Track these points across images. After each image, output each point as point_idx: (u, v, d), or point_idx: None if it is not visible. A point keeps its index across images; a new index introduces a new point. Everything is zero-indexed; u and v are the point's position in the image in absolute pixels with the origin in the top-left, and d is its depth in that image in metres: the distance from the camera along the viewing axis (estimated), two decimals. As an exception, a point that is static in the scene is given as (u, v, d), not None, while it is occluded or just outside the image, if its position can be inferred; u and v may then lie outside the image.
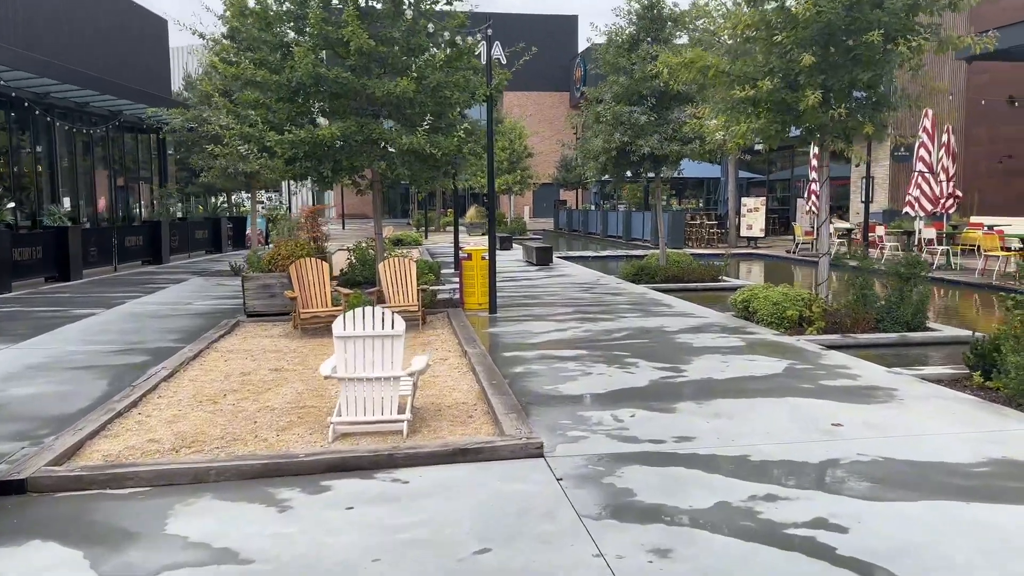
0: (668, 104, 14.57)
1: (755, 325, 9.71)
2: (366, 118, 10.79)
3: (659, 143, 14.11)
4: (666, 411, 5.95)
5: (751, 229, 25.53)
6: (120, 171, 24.17)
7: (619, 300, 12.40)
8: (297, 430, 5.75)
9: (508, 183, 36.62)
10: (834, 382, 6.75)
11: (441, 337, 9.39)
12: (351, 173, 11.00)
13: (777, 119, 9.25)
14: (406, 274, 10.43)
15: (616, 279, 15.45)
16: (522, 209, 56.64)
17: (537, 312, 11.30)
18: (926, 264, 9.44)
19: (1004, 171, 21.66)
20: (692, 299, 13.17)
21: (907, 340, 8.96)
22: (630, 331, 9.54)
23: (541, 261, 19.05)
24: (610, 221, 32.63)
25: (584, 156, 15.17)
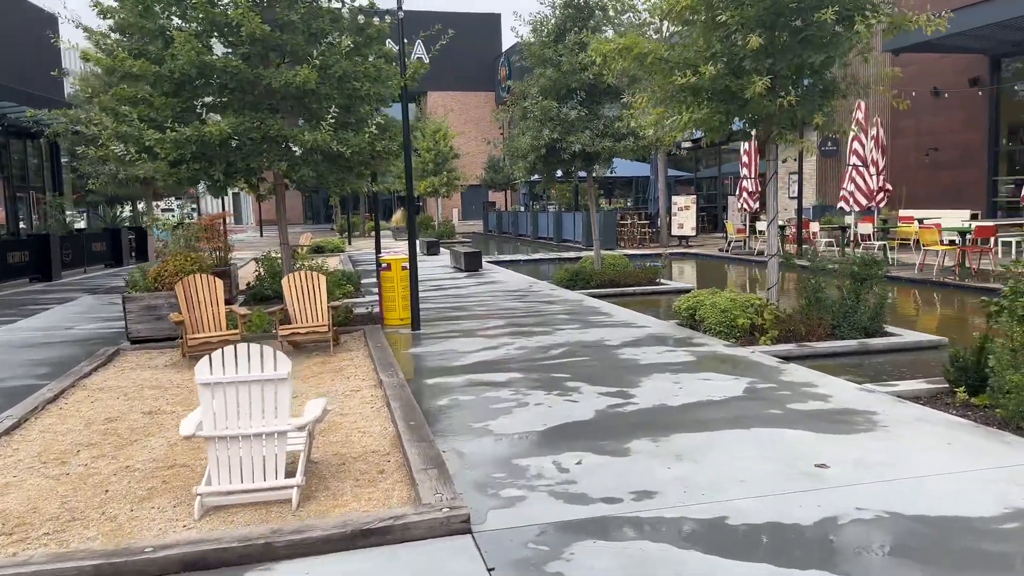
0: (599, 99, 13.70)
1: (703, 335, 8.86)
2: (264, 113, 9.52)
3: (590, 140, 13.22)
4: (618, 453, 4.96)
5: (682, 228, 25.04)
6: (7, 180, 21.93)
7: (554, 309, 11.43)
8: (159, 501, 4.52)
9: (434, 185, 35.36)
10: (804, 405, 5.89)
11: (355, 362, 8.21)
12: (248, 176, 9.69)
13: (721, 109, 8.42)
14: (315, 289, 9.19)
15: (550, 285, 14.50)
16: (450, 212, 55.40)
17: (466, 326, 10.22)
18: (882, 264, 8.76)
19: (931, 164, 21.68)
20: (631, 305, 12.31)
21: (867, 347, 8.24)
22: (569, 346, 8.55)
23: (470, 267, 17.97)
24: (540, 223, 31.78)
25: (512, 155, 14.17)
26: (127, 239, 23.78)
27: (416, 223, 36.79)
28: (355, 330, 9.91)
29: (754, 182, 20.69)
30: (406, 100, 9.72)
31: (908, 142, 22.50)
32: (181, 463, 5.19)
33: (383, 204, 57.05)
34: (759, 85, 7.72)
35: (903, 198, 21.84)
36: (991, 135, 20.05)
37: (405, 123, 9.72)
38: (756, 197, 20.86)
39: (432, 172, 35.67)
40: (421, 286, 15.28)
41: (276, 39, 9.36)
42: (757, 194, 20.88)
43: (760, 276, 17.13)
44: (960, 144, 20.91)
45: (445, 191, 36.19)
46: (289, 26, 9.63)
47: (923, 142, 22.03)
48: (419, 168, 35.64)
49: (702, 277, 17.89)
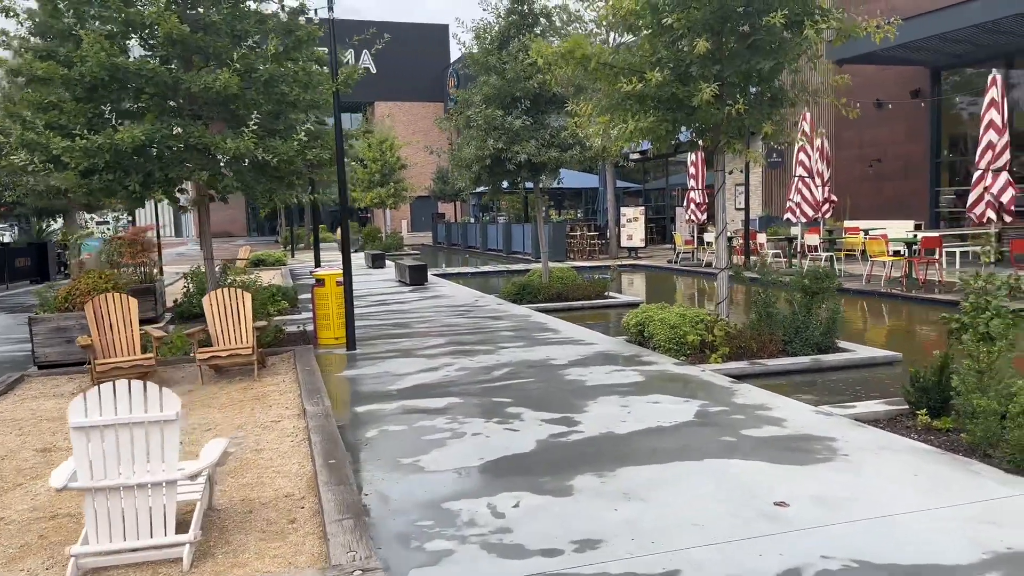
0: (544, 108, 13.32)
1: (652, 352, 8.47)
2: (185, 120, 8.85)
3: (536, 149, 12.82)
4: (561, 492, 4.48)
5: (631, 239, 24.86)
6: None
7: (500, 326, 10.94)
8: (30, 563, 3.89)
9: (381, 196, 34.63)
10: (758, 431, 5.51)
11: (280, 387, 7.59)
12: (167, 187, 8.99)
13: (668, 117, 8.07)
14: (238, 308, 8.54)
15: (497, 299, 14.02)
16: (399, 223, 54.60)
17: (405, 345, 9.66)
18: (834, 277, 8.51)
19: (874, 175, 21.90)
20: (579, 320, 11.91)
21: (820, 364, 7.95)
22: (512, 367, 8.07)
23: (415, 280, 17.39)
24: (490, 234, 31.34)
25: (456, 165, 13.69)
26: (55, 254, 22.56)
27: (363, 235, 35.90)
28: (285, 351, 9.27)
29: (702, 193, 20.59)
30: (338, 106, 9.16)
31: (851, 153, 22.72)
32: (65, 512, 4.55)
33: (331, 216, 56.03)
34: (706, 92, 7.39)
35: (847, 209, 22.01)
36: (933, 147, 20.32)
37: (338, 130, 9.15)
38: (704, 208, 20.76)
39: (379, 183, 34.95)
40: (362, 302, 14.68)
41: (197, 41, 8.73)
42: (705, 205, 20.78)
43: (709, 288, 16.94)
44: (903, 156, 21.15)
45: (392, 202, 35.48)
46: (212, 28, 9.01)
47: (866, 154, 22.25)
48: (365, 179, 34.89)
49: (651, 290, 17.64)
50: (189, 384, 8.00)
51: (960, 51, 18.18)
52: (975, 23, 15.60)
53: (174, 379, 8.26)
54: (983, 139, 12.59)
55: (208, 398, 7.33)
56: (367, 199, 34.76)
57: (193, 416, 6.65)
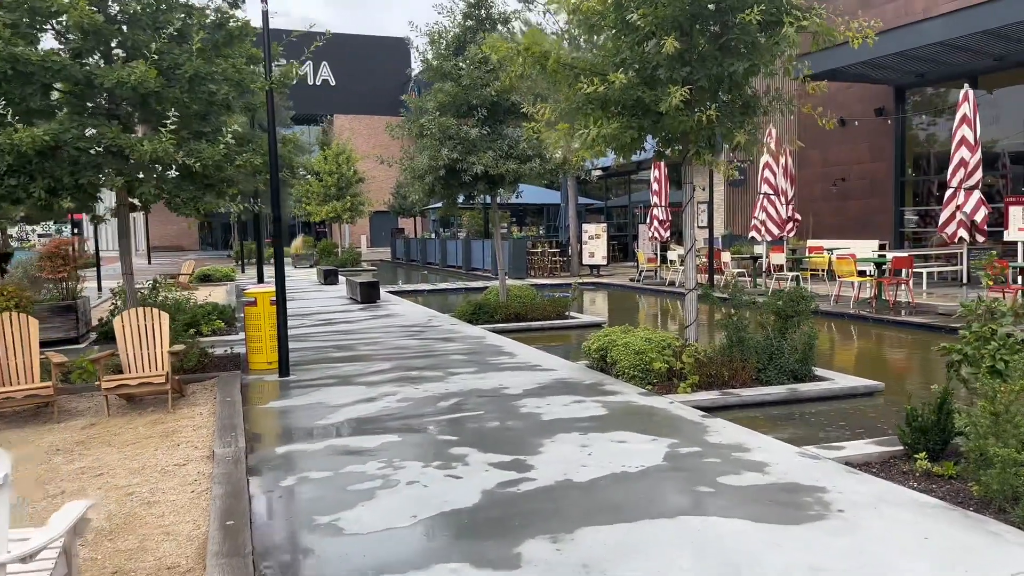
0: (502, 117, 12.62)
1: (615, 381, 7.74)
2: (99, 119, 7.94)
3: (493, 161, 12.09)
4: (506, 565, 3.68)
5: (593, 257, 24.26)
6: None
7: (452, 348, 10.12)
8: None
9: (337, 210, 33.60)
10: (738, 478, 4.78)
11: (195, 421, 6.67)
12: (78, 194, 8.03)
13: (633, 123, 7.39)
14: (154, 330, 7.60)
15: (451, 319, 13.21)
16: (358, 238, 53.49)
17: (346, 371, 8.79)
18: (811, 300, 7.88)
19: (838, 194, 21.65)
20: (538, 342, 11.15)
21: (798, 394, 7.29)
22: (461, 397, 7.26)
23: (366, 298, 16.48)
24: (449, 251, 30.53)
25: (409, 175, 12.88)
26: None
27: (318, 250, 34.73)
28: (210, 377, 8.33)
29: (665, 211, 20.09)
30: (272, 107, 8.30)
31: (815, 172, 22.46)
32: None
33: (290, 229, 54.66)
34: (676, 96, 6.73)
35: (810, 228, 21.71)
36: (897, 165, 20.10)
37: (271, 133, 8.29)
38: (667, 226, 20.26)
39: (335, 196, 33.94)
40: (308, 320, 13.75)
41: (112, 32, 7.84)
42: (668, 223, 20.28)
43: (673, 308, 16.34)
44: (867, 174, 20.92)
45: (349, 216, 34.46)
46: (134, 19, 8.13)
47: (830, 172, 22.00)
48: (321, 192, 33.85)
49: (614, 309, 16.97)
50: (93, 416, 7.03)
51: (923, 69, 17.99)
52: (937, 40, 15.34)
53: (77, 410, 7.28)
54: (955, 156, 12.20)
55: (110, 434, 6.38)
56: (322, 212, 33.71)
57: (87, 456, 5.72)
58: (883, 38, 16.25)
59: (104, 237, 60.28)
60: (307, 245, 36.72)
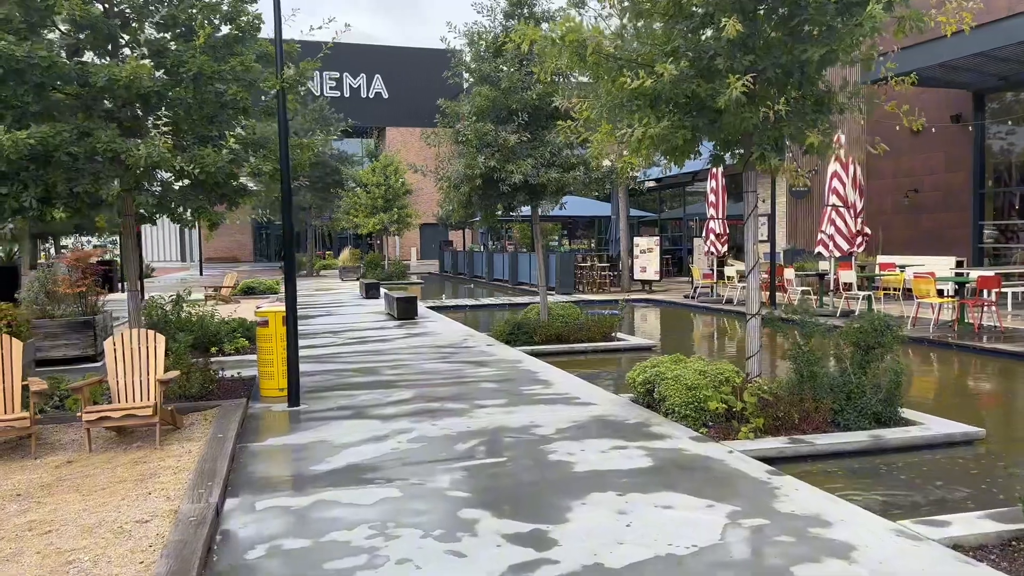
0: (544, 123, 11.69)
1: (663, 420, 6.68)
2: (96, 122, 7.28)
3: (534, 169, 11.16)
4: None
5: (645, 272, 23.09)
6: None
7: (483, 374, 9.19)
8: None
9: (383, 222, 33.12)
10: (819, 570, 3.71)
11: (181, 461, 5.86)
12: (73, 203, 7.37)
13: (686, 122, 6.37)
14: (147, 354, 6.86)
15: (488, 338, 12.29)
16: (408, 251, 53.16)
17: (362, 400, 7.92)
18: (897, 329, 6.71)
19: (910, 207, 20.08)
20: (579, 367, 10.15)
21: (882, 443, 6.13)
22: (484, 438, 6.30)
23: (403, 315, 15.69)
24: (496, 264, 29.68)
25: (445, 186, 12.04)
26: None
27: (364, 263, 34.23)
28: (213, 406, 7.56)
29: (722, 224, 18.86)
30: (283, 107, 7.51)
31: (885, 183, 20.94)
32: None
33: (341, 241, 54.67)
34: (736, 87, 5.69)
35: (880, 243, 20.20)
36: (976, 176, 18.50)
37: (283, 137, 7.49)
38: (724, 240, 19.02)
39: (382, 208, 33.47)
40: (339, 338, 13.00)
41: (110, 27, 7.18)
42: (725, 237, 19.04)
43: (731, 329, 15.12)
44: (942, 185, 19.34)
45: (396, 228, 33.96)
46: (141, 13, 7.48)
47: (901, 183, 20.46)
48: (368, 204, 33.44)
49: (666, 330, 15.80)
50: (74, 451, 6.30)
51: (1005, 72, 16.44)
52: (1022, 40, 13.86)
53: (61, 443, 6.56)
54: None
55: (83, 476, 5.62)
56: (369, 224, 33.27)
57: (45, 506, 4.94)
58: (961, 38, 14.87)
59: (158, 248, 61.45)
60: (354, 257, 36.33)
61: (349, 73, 53.56)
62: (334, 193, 35.79)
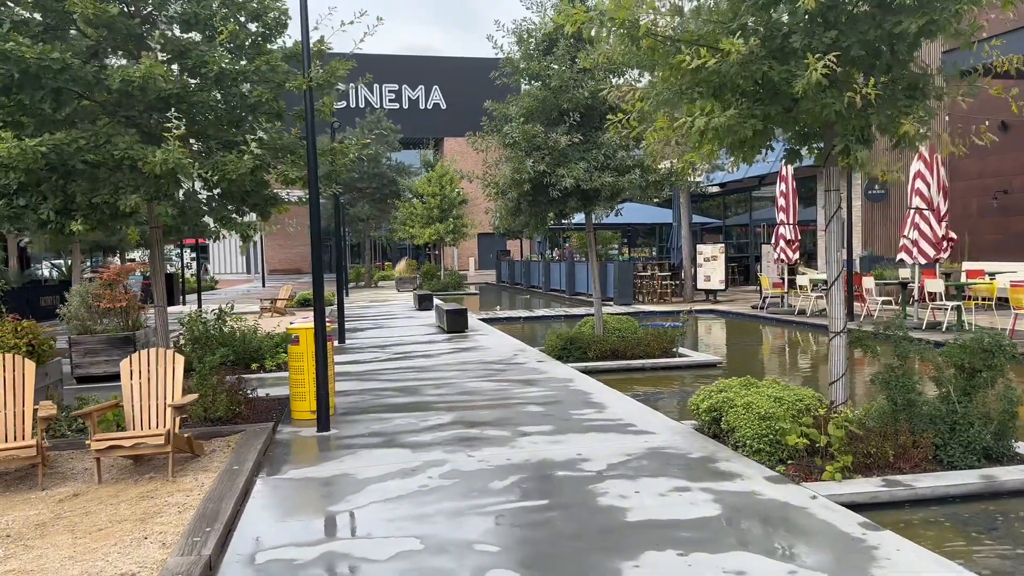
0: (597, 123, 10.92)
1: (732, 454, 5.83)
2: (116, 127, 6.86)
3: (586, 173, 10.40)
4: None
5: (709, 281, 21.99)
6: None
7: (530, 395, 8.45)
8: None
9: (439, 233, 32.76)
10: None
11: (189, 498, 5.30)
12: (93, 214, 6.95)
13: (756, 111, 5.53)
14: (165, 376, 6.36)
15: (539, 354, 11.55)
16: (466, 261, 52.83)
17: (397, 425, 7.28)
18: (1010, 349, 5.70)
19: (998, 209, 18.52)
20: (636, 387, 9.33)
21: (995, 485, 5.15)
22: (524, 474, 5.56)
23: (453, 327, 15.09)
24: (553, 274, 28.91)
25: (492, 192, 11.38)
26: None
27: (421, 273, 33.94)
28: (239, 430, 7.01)
29: (793, 229, 17.69)
30: (311, 107, 6.95)
31: (969, 184, 19.41)
32: None
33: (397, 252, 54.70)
34: (817, 68, 4.84)
35: (966, 248, 18.70)
36: (1076, 174, 16.90)
37: (310, 137, 6.92)
38: (795, 247, 17.84)
39: (438, 219, 33.14)
40: (384, 353, 12.45)
41: (129, 27, 6.75)
42: (797, 243, 17.86)
43: (804, 343, 14.02)
44: (1037, 185, 17.77)
45: (451, 239, 33.57)
46: (160, 5, 7.05)
47: (988, 184, 18.91)
48: (424, 215, 33.16)
49: (733, 345, 14.77)
50: (83, 482, 5.82)
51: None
52: None
53: (72, 472, 6.10)
54: None
55: (83, 512, 5.11)
56: (425, 235, 32.96)
57: (31, 550, 4.43)
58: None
59: (224, 260, 62.68)
60: (411, 268, 36.10)
61: (408, 85, 53.79)
62: (391, 204, 35.65)
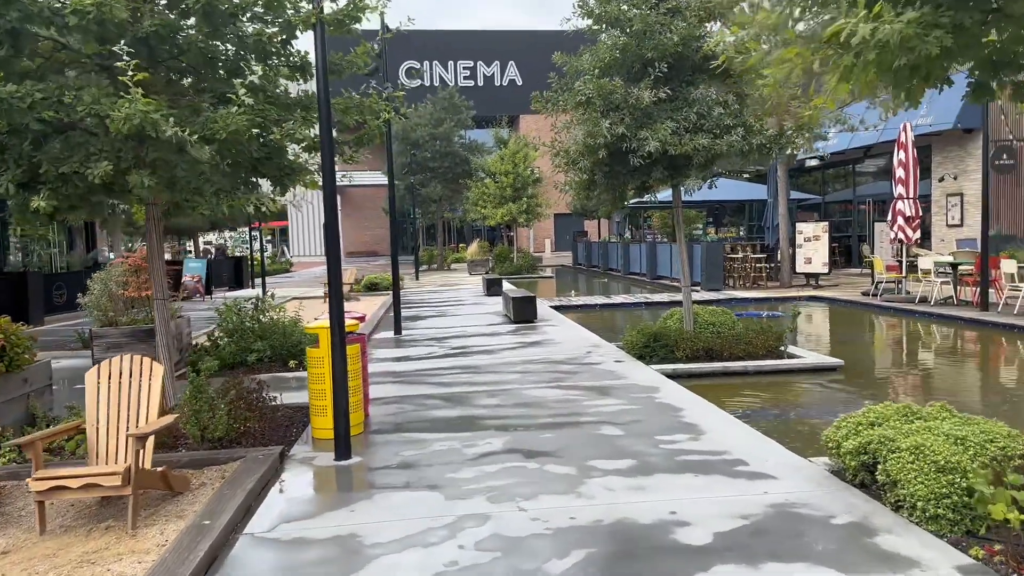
0: (688, 76, 9.07)
1: (894, 520, 4.03)
2: (89, 77, 5.52)
3: (675, 136, 8.58)
4: None
5: (810, 263, 19.68)
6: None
7: (605, 410, 6.78)
8: None
9: (512, 213, 31.19)
10: None
11: (145, 562, 3.89)
12: (63, 188, 5.62)
13: (942, 18, 3.66)
14: (139, 392, 5.01)
15: (617, 351, 9.86)
16: (542, 242, 51.15)
17: (434, 452, 5.74)
18: None
19: None
20: (738, 398, 7.55)
21: None
22: (591, 549, 3.92)
23: (519, 316, 13.51)
24: (632, 256, 26.92)
25: (561, 162, 9.67)
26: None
27: (493, 256, 32.52)
28: (239, 456, 5.61)
29: (913, 204, 15.31)
30: (323, 46, 5.41)
31: None
32: None
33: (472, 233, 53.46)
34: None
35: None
36: None
37: (321, 82, 5.39)
38: (916, 224, 15.45)
39: (511, 198, 31.55)
40: (439, 347, 10.99)
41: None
42: (917, 220, 15.47)
43: (939, 338, 11.81)
44: None
45: (525, 219, 31.96)
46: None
47: None
48: (496, 195, 31.64)
49: (851, 341, 12.64)
50: (25, 530, 4.52)
51: None
52: None
53: (17, 516, 4.81)
54: None
55: (-5, 586, 3.77)
56: (497, 216, 31.46)
57: None
58: None
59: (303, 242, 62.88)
60: (483, 250, 34.68)
61: (483, 61, 52.35)
62: (463, 184, 34.29)
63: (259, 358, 9.95)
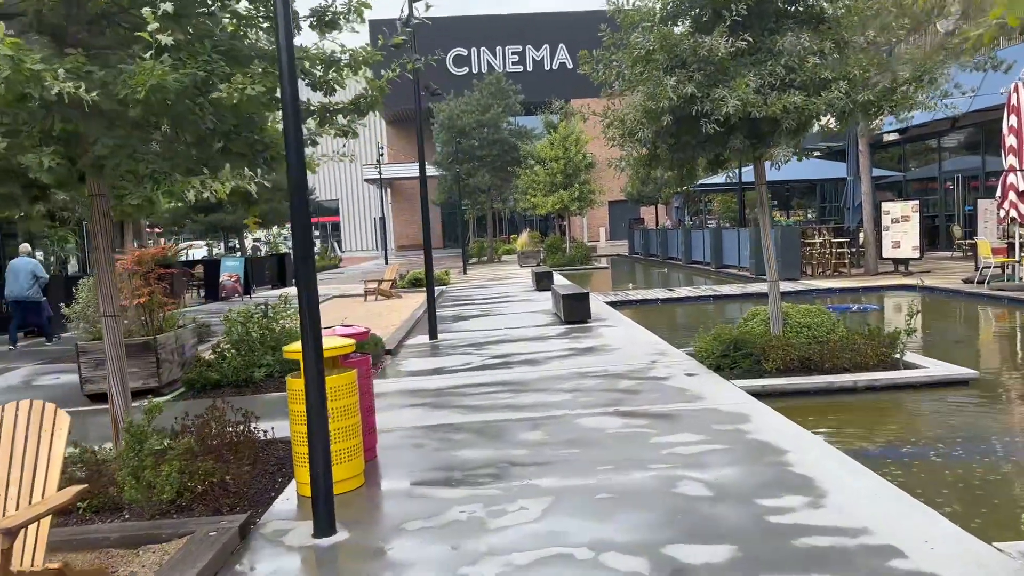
0: (773, 21, 7.30)
1: None
2: None
3: (759, 94, 6.83)
4: None
5: (898, 247, 17.52)
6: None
7: (681, 452, 5.13)
8: None
9: (563, 201, 29.48)
10: None
11: None
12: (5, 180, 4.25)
13: None
14: (37, 449, 3.59)
15: (687, 358, 8.18)
16: (597, 231, 49.24)
17: (452, 520, 4.20)
18: None
19: None
20: (853, 430, 5.81)
21: None
22: None
23: (571, 317, 11.89)
24: (694, 243, 24.94)
25: (615, 134, 8.00)
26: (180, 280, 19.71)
27: (544, 246, 30.88)
28: (186, 531, 4.17)
29: (1028, 176, 13.12)
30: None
31: None
32: None
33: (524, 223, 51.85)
34: None
35: None
36: None
37: (283, 37, 3.88)
38: (1032, 199, 13.25)
39: (562, 185, 29.83)
40: (479, 355, 9.47)
41: None
42: (1034, 194, 13.27)
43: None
44: None
45: (577, 207, 30.21)
46: None
47: None
48: (547, 182, 29.96)
49: (976, 344, 10.62)
50: None
51: None
52: None
53: None
54: None
55: None
56: (548, 204, 29.78)
57: None
58: None
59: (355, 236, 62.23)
60: (534, 241, 32.99)
61: (531, 45, 50.68)
62: (512, 172, 32.68)
63: (268, 374, 8.62)
